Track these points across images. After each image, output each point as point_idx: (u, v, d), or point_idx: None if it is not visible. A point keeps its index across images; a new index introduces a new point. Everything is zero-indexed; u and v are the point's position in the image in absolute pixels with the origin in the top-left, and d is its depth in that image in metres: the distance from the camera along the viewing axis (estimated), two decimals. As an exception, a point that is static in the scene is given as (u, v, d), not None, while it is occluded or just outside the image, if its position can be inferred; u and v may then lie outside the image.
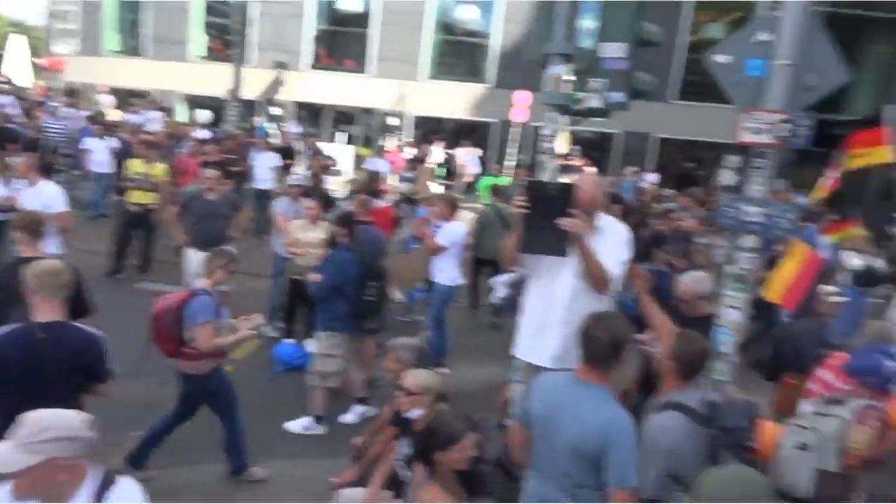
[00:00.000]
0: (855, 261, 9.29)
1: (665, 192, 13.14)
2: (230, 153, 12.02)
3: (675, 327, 3.53)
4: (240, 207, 7.72)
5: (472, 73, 22.41)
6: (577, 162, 17.22)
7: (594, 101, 3.68)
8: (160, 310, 4.37)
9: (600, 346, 2.72)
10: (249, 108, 22.02)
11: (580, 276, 3.48)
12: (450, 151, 19.99)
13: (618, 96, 3.61)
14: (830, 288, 5.93)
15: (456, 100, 21.93)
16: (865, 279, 9.05)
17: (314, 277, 5.66)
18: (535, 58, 3.98)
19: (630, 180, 17.56)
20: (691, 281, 4.64)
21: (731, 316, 4.40)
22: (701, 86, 19.60)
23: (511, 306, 4.16)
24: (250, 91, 21.37)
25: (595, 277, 3.46)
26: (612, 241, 3.54)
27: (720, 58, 4.08)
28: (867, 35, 22.00)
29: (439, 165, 18.42)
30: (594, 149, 22.53)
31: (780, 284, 4.47)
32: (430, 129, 22.85)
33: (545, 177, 3.95)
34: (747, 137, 3.99)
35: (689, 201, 9.34)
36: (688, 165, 21.47)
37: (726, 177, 3.88)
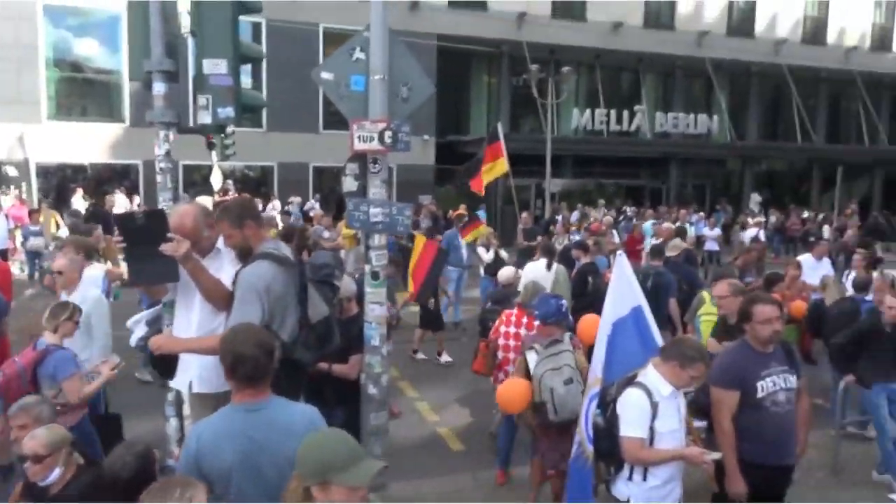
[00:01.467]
0: (486, 254, 10.80)
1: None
2: None
3: None
4: None
5: (107, 112, 20.56)
6: (231, 197, 16.95)
7: (204, 117, 3.68)
8: (11, 374, 4.22)
9: (259, 363, 2.66)
10: None
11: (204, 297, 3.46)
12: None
13: (226, 111, 3.66)
14: (512, 269, 7.45)
15: (90, 142, 19.86)
16: (495, 267, 10.55)
17: None
18: (140, 78, 3.84)
19: (295, 208, 18.15)
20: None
21: (376, 311, 4.77)
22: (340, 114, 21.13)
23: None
24: None
25: (211, 296, 3.46)
26: (228, 259, 3.57)
27: (325, 75, 4.40)
28: (476, 66, 25.81)
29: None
30: (254, 183, 22.46)
31: (409, 278, 5.13)
32: (65, 177, 20.32)
33: (165, 198, 3.82)
34: (359, 146, 4.36)
35: (329, 222, 10.13)
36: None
37: (348, 183, 4.19)
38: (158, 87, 3.65)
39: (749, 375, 3.78)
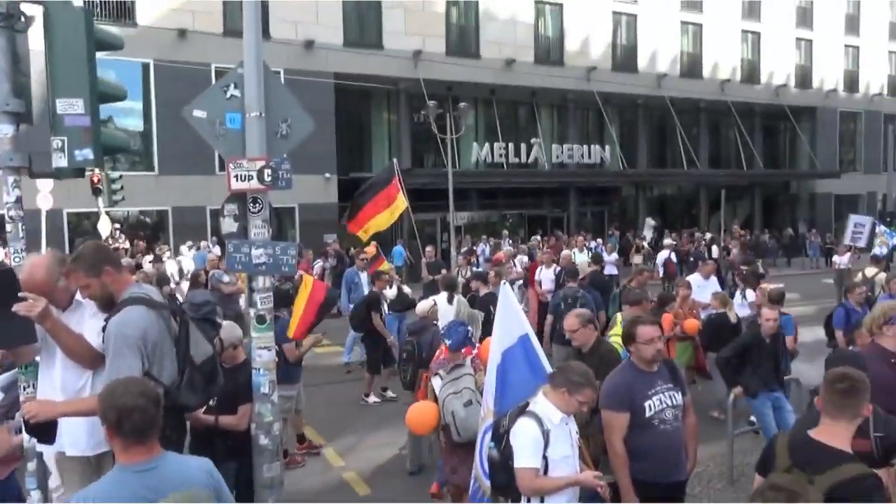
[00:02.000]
0: (388, 291, 10.70)
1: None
2: None
3: None
4: None
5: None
6: (122, 244, 16.15)
7: (59, 161, 3.43)
8: None
9: (147, 413, 2.41)
10: None
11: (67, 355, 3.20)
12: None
13: (84, 153, 3.42)
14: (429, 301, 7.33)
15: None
16: (399, 304, 10.50)
17: None
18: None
19: (202, 252, 17.42)
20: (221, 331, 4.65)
21: (264, 357, 4.54)
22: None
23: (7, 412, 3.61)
24: None
25: (74, 354, 3.21)
26: (90, 311, 3.34)
27: (198, 113, 4.23)
28: (375, 104, 25.96)
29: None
30: (149, 228, 21.48)
31: (295, 321, 4.98)
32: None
33: (17, 249, 3.50)
34: (237, 185, 4.20)
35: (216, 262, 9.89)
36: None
37: (227, 224, 3.99)
38: (5, 129, 3.37)
39: (637, 396, 3.84)
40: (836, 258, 18.30)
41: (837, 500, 2.54)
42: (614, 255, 17.05)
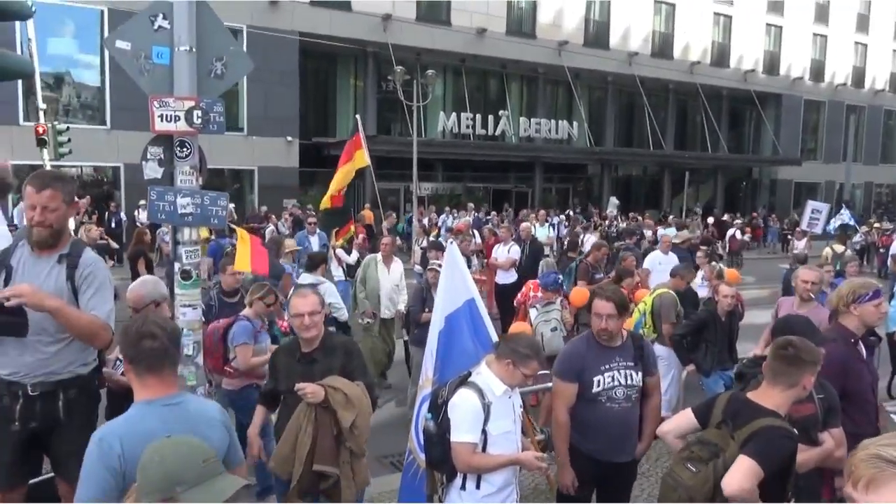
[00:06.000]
0: (347, 256, 10.42)
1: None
2: None
3: None
4: None
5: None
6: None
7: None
8: (209, 331, 4.74)
9: (162, 344, 2.35)
10: None
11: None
12: None
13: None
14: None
15: None
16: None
17: None
18: None
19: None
20: (141, 287, 4.28)
21: (189, 315, 4.19)
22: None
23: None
24: None
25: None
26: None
27: (121, 44, 3.80)
28: (342, 67, 25.24)
29: None
30: (102, 186, 20.64)
31: (245, 259, 5.19)
32: None
33: None
34: (161, 126, 3.80)
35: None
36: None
37: (150, 169, 3.65)
38: None
39: (588, 368, 3.61)
40: (794, 243, 18.47)
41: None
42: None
